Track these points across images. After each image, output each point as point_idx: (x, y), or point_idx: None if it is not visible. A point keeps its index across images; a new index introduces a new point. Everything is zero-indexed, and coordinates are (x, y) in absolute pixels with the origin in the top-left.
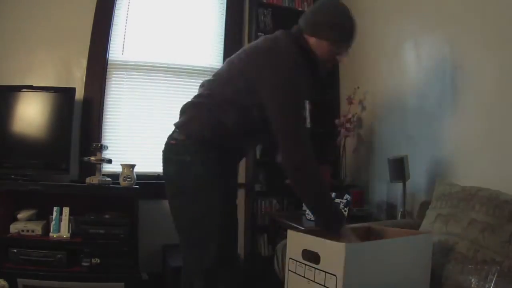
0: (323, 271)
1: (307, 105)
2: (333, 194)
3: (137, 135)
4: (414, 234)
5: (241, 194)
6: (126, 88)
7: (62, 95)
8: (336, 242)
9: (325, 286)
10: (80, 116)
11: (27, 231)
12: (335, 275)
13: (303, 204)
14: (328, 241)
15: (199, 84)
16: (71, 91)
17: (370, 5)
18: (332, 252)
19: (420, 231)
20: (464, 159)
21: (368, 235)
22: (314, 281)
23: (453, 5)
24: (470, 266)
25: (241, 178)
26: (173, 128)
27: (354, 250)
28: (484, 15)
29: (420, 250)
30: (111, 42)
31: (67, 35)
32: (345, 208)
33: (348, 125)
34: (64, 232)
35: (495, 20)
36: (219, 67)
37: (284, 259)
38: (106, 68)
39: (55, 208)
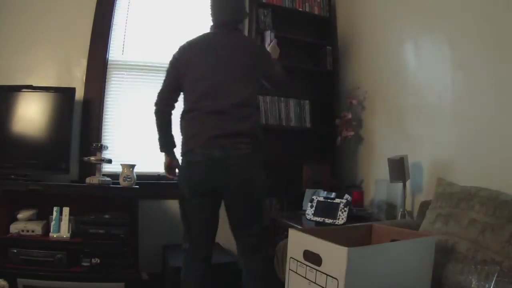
0: (325, 273)
1: (307, 105)
2: (333, 194)
3: (137, 135)
4: (416, 235)
5: None
6: (126, 88)
7: (62, 95)
8: (338, 245)
9: None
10: (80, 116)
11: (27, 231)
12: (336, 279)
13: (303, 204)
14: (330, 244)
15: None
16: (71, 91)
17: (370, 5)
18: (334, 254)
19: (422, 232)
20: (464, 159)
21: (370, 234)
22: (315, 283)
23: (453, 5)
24: (470, 266)
25: None
26: None
27: (356, 253)
28: (484, 15)
29: (422, 253)
30: (111, 42)
31: (67, 35)
32: (345, 208)
33: (348, 125)
34: (64, 232)
35: (495, 20)
36: None
37: (284, 259)
38: (106, 68)
39: (55, 208)
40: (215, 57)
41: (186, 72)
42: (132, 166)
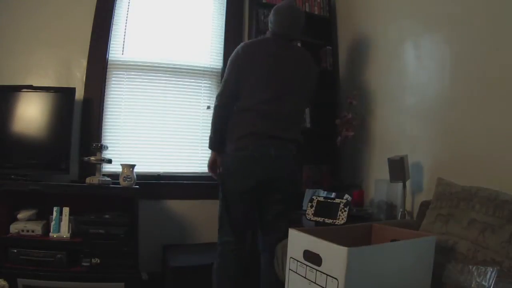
0: (325, 273)
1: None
2: (333, 194)
3: (137, 135)
4: (416, 234)
5: None
6: (126, 88)
7: (62, 95)
8: (338, 245)
9: None
10: (80, 116)
11: (27, 231)
12: (336, 279)
13: (303, 204)
14: (330, 244)
15: (197, 83)
16: (71, 91)
17: (370, 5)
18: (334, 254)
19: (423, 232)
20: (464, 159)
21: (370, 234)
22: (315, 283)
23: (453, 5)
24: (470, 266)
25: None
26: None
27: (356, 253)
28: (484, 15)
29: (423, 253)
30: (111, 42)
31: (67, 35)
32: (345, 208)
33: (348, 125)
34: (64, 232)
35: (495, 20)
36: (219, 67)
37: (284, 258)
38: (106, 68)
39: (55, 208)
40: (276, 66)
41: (248, 71)
42: (132, 166)
